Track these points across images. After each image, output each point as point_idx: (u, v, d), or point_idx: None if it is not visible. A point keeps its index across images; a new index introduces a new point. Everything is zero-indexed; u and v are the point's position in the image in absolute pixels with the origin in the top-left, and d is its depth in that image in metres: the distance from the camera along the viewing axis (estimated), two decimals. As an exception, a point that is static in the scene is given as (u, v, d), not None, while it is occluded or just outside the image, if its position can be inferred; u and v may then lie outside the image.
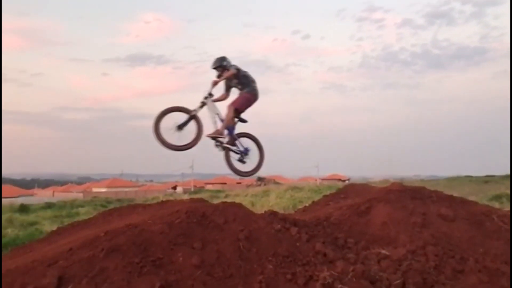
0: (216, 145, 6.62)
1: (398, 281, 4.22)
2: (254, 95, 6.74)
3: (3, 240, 10.60)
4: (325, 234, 5.19)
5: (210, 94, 6.49)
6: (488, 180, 30.53)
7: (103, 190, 68.95)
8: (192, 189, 57.36)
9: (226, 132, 6.61)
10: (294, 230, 5.03)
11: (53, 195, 65.06)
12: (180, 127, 6.15)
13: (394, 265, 4.48)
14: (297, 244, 4.81)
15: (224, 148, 6.65)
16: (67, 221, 12.27)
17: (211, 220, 4.89)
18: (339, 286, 4.07)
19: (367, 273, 4.28)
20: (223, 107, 6.70)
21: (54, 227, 7.91)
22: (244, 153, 6.83)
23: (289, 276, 4.21)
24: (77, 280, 3.75)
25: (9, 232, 12.59)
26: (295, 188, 24.84)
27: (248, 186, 52.86)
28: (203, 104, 6.42)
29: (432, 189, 6.99)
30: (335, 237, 5.16)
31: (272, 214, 5.40)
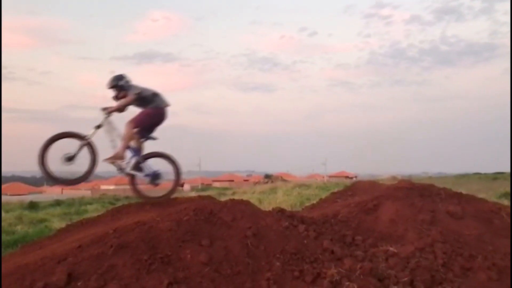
0: (118, 171, 5.84)
1: (406, 279, 4.21)
2: (156, 109, 5.89)
3: (13, 237, 10.72)
4: (332, 232, 5.19)
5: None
6: (497, 177, 30.32)
7: (111, 187, 69.25)
8: (200, 187, 57.56)
9: (129, 154, 5.81)
10: (301, 227, 5.03)
11: (62, 193, 65.42)
12: (71, 158, 5.41)
13: (402, 263, 4.47)
14: (305, 241, 4.81)
15: (128, 174, 5.87)
16: (75, 218, 12.37)
17: (219, 217, 4.90)
18: (347, 283, 4.07)
19: (375, 271, 4.27)
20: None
21: (63, 224, 7.97)
22: (153, 176, 6.00)
23: (296, 274, 4.21)
24: (86, 277, 3.78)
25: (18, 229, 12.72)
26: (302, 185, 24.84)
27: (256, 183, 52.93)
28: (99, 127, 5.62)
29: (441, 186, 6.95)
30: (342, 235, 5.15)
31: (280, 211, 5.40)
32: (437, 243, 4.86)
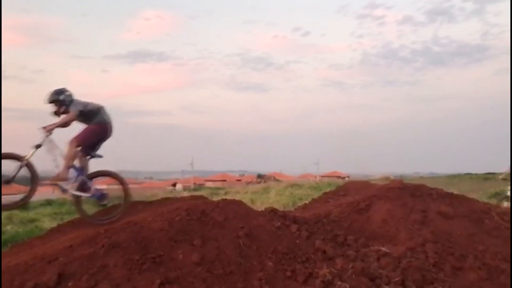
0: (62, 192, 5.46)
1: (398, 278, 4.23)
2: (100, 125, 5.53)
3: (3, 237, 10.61)
4: (325, 231, 5.20)
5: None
6: (488, 177, 30.58)
7: (103, 187, 68.87)
8: (192, 186, 57.40)
9: (73, 174, 5.42)
10: (294, 227, 5.03)
11: (53, 192, 64.86)
12: (9, 181, 5.09)
13: (393, 262, 4.49)
14: (297, 241, 4.82)
15: (72, 196, 5.46)
16: (67, 218, 12.27)
17: (211, 217, 4.89)
18: (339, 283, 4.08)
19: (366, 270, 4.29)
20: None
21: (54, 224, 7.92)
22: (99, 197, 5.66)
23: (288, 273, 4.21)
24: (77, 277, 3.75)
25: (8, 229, 12.58)
26: (295, 185, 24.85)
27: (248, 183, 52.93)
28: (38, 146, 5.21)
29: (432, 186, 7.00)
30: (335, 234, 5.16)
31: (272, 211, 5.40)
32: (429, 243, 4.89)
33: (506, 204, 8.68)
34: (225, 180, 79.60)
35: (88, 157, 5.57)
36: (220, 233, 4.67)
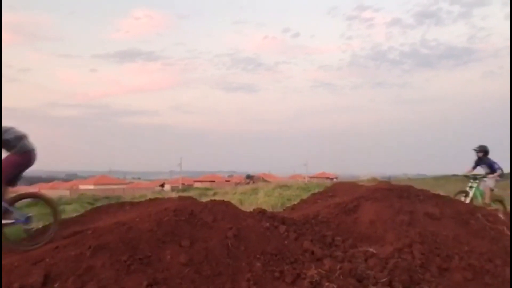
0: None
1: (385, 279, 4.26)
2: (21, 156, 5.10)
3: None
4: (313, 232, 5.22)
5: None
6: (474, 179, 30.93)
7: (91, 187, 68.38)
8: (180, 187, 57.15)
9: None
10: (282, 228, 5.04)
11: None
12: None
13: (381, 263, 4.52)
14: (285, 242, 4.83)
15: None
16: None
17: (200, 218, 4.88)
18: (327, 284, 4.10)
19: (354, 271, 4.31)
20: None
21: (40, 225, 7.82)
22: (24, 222, 5.25)
23: (277, 274, 4.22)
24: (63, 278, 3.72)
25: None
26: (283, 186, 24.82)
27: (237, 184, 52.86)
28: None
29: (419, 187, 7.07)
30: (323, 235, 5.18)
31: (261, 212, 5.40)
32: (416, 244, 4.93)
33: (463, 199, 9.11)
34: (213, 181, 79.44)
35: (9, 185, 5.19)
36: (209, 234, 4.66)
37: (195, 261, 4.20)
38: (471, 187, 9.56)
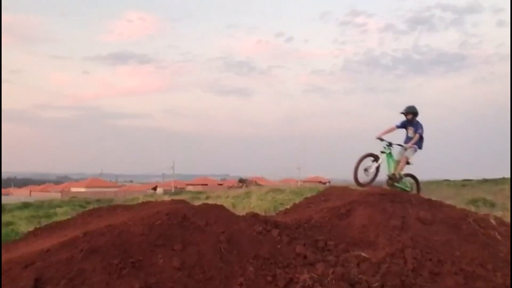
0: None
1: (377, 284, 4.27)
2: None
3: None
4: (306, 237, 5.22)
5: None
6: (465, 184, 31.10)
7: (82, 190, 68.01)
8: (173, 190, 57.01)
9: None
10: (275, 232, 5.04)
11: (30, 195, 63.92)
12: None
13: (373, 268, 4.54)
14: (278, 246, 4.82)
15: None
16: (44, 222, 12.05)
17: (192, 221, 4.87)
18: (319, 288, 4.10)
19: (346, 276, 4.32)
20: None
21: (31, 228, 7.76)
22: None
23: (269, 278, 4.22)
24: (54, 282, 3.68)
25: (-17, 233, 12.28)
26: (276, 190, 24.86)
27: (230, 187, 52.81)
28: None
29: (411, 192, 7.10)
30: (315, 240, 5.19)
31: (254, 216, 5.40)
32: (408, 249, 4.95)
33: (370, 164, 7.87)
34: (206, 184, 79.32)
35: None
36: (201, 237, 4.64)
37: (188, 265, 4.18)
38: (383, 152, 8.08)
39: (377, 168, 7.90)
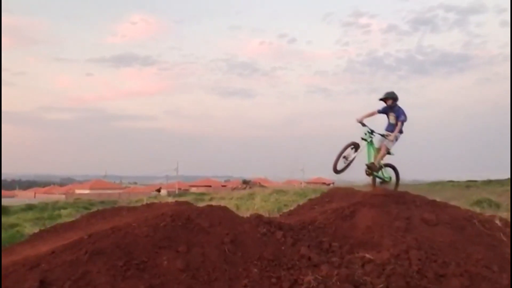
0: None
1: (382, 285, 4.26)
2: None
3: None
4: (310, 238, 5.21)
5: None
6: (469, 185, 31.02)
7: (86, 191, 68.18)
8: (177, 192, 57.05)
9: None
10: (279, 233, 5.04)
11: (35, 197, 64.11)
12: None
13: (378, 269, 4.52)
14: (282, 248, 4.82)
15: None
16: (49, 223, 12.09)
17: (196, 223, 4.87)
18: (324, 290, 4.09)
19: (351, 277, 4.31)
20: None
21: (36, 230, 7.78)
22: None
23: (274, 280, 4.21)
24: (59, 284, 3.70)
25: (-12, 234, 12.32)
26: (280, 191, 24.86)
27: (233, 189, 52.82)
28: None
29: (415, 193, 7.07)
30: (320, 241, 5.18)
31: (258, 217, 5.40)
32: (412, 250, 4.93)
33: (349, 150, 7.75)
34: (210, 186, 79.38)
35: None
36: (205, 239, 4.65)
37: (192, 266, 4.19)
38: (363, 139, 7.91)
39: (354, 157, 7.79)
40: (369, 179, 8.30)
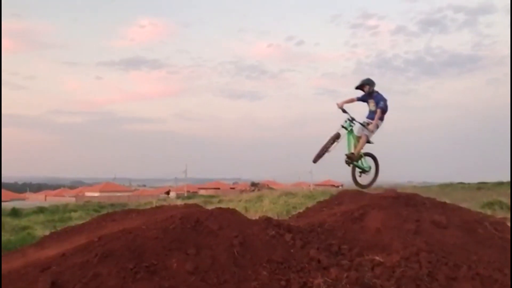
0: None
1: (392, 288, 4.23)
2: None
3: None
4: (319, 241, 5.20)
5: None
6: (480, 187, 30.65)
7: (96, 194, 68.63)
8: (186, 194, 57.21)
9: None
10: (288, 236, 5.03)
11: (45, 199, 64.67)
12: None
13: (387, 272, 4.49)
14: (291, 250, 4.81)
15: None
16: (59, 226, 12.20)
17: (206, 226, 4.88)
18: (333, 292, 4.08)
19: (361, 280, 4.29)
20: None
21: (46, 232, 7.86)
22: None
23: (283, 283, 4.21)
24: (70, 286, 3.73)
25: (0, 237, 12.46)
26: (288, 193, 24.81)
27: (242, 191, 52.83)
28: None
29: (425, 195, 7.03)
30: (329, 244, 5.16)
31: (267, 220, 5.39)
32: (422, 253, 4.89)
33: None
34: (218, 188, 79.53)
35: None
36: (214, 241, 4.66)
37: (201, 269, 4.20)
38: (343, 127, 7.76)
39: (334, 146, 7.68)
40: (377, 182, 8.26)
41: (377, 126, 7.78)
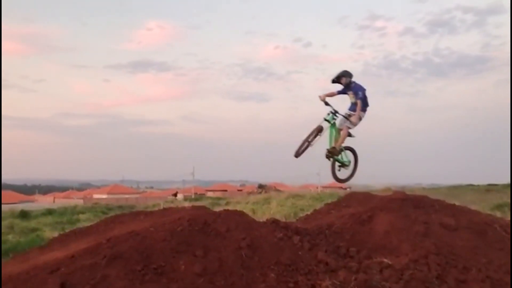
0: None
1: (401, 291, 4.20)
2: None
3: (4, 246, 10.58)
4: (327, 243, 5.18)
5: None
6: (490, 189, 30.38)
7: (104, 196, 68.94)
8: (193, 196, 57.24)
9: None
10: (296, 238, 5.02)
11: (54, 201, 65.06)
12: None
13: (396, 274, 4.46)
14: (299, 252, 4.80)
15: None
16: (68, 228, 12.26)
17: (213, 228, 4.88)
18: (342, 295, 4.06)
19: (369, 283, 4.26)
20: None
21: (55, 234, 7.91)
22: None
23: (291, 285, 4.19)
24: (79, 287, 3.74)
25: (10, 238, 12.57)
26: (296, 195, 24.76)
27: (249, 193, 52.76)
28: None
29: (434, 197, 6.97)
30: (337, 246, 5.14)
31: (274, 222, 5.39)
32: (431, 255, 4.85)
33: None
34: (226, 190, 79.55)
35: None
36: (222, 244, 4.66)
37: (209, 271, 4.20)
38: (326, 120, 7.61)
39: (316, 140, 7.53)
40: (385, 183, 8.19)
41: (360, 118, 7.65)
